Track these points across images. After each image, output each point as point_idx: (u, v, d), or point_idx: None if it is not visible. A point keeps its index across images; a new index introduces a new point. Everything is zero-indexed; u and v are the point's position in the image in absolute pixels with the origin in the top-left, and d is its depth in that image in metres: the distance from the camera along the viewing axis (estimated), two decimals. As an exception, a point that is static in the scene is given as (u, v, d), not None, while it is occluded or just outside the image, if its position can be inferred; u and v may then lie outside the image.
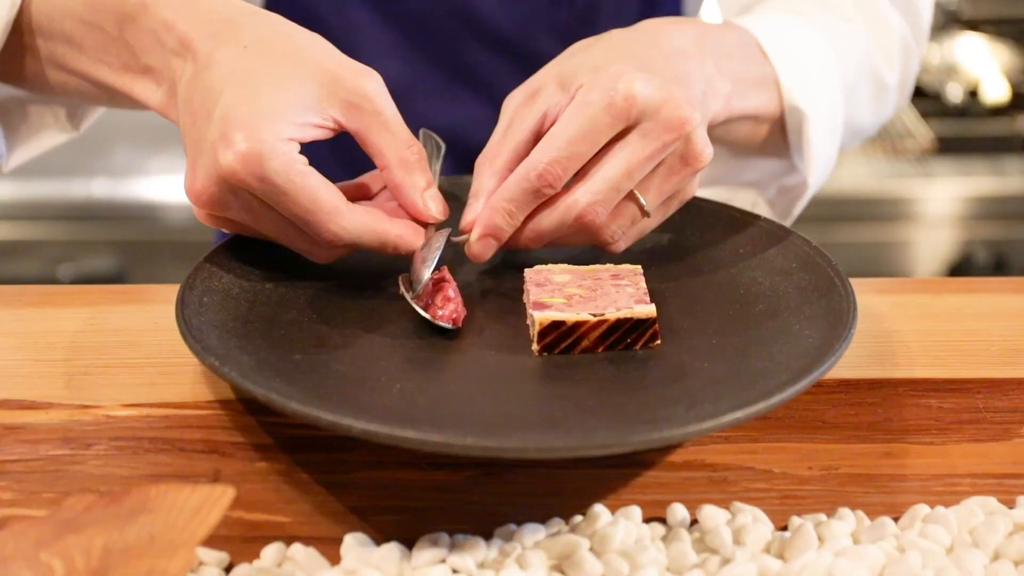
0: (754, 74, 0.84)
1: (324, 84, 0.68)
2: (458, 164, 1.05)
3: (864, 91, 0.95)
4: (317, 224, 0.67)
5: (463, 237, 0.73)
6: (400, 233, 0.70)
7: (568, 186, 0.71)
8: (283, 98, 0.67)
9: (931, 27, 1.02)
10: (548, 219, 0.71)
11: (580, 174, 0.71)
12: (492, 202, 0.71)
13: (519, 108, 0.74)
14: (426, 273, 0.68)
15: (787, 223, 0.98)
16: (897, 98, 1.00)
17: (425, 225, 0.72)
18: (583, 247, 0.76)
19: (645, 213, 0.72)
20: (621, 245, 0.74)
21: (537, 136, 0.72)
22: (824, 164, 0.91)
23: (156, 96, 0.74)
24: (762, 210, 0.99)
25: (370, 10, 1.05)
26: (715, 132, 0.83)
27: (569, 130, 0.69)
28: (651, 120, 0.69)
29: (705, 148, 0.71)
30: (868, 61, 0.95)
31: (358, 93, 0.69)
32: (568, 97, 0.71)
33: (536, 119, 0.72)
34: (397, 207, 0.72)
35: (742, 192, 0.99)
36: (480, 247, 0.72)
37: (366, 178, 0.76)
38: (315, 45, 0.70)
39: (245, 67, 0.68)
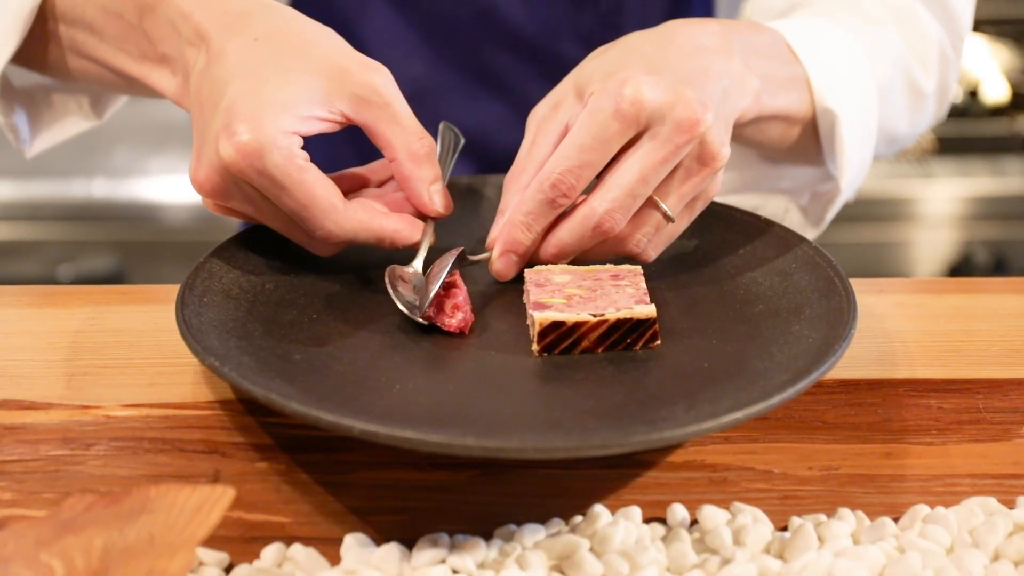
0: (784, 73, 0.83)
1: (332, 78, 0.68)
2: (479, 165, 1.06)
3: (899, 96, 0.94)
4: (311, 220, 0.68)
5: (485, 255, 0.73)
6: (397, 228, 0.70)
7: (587, 197, 0.71)
8: (289, 91, 0.67)
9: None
10: (567, 230, 0.71)
11: (597, 183, 0.70)
12: (510, 217, 0.71)
13: (542, 122, 0.74)
14: (432, 290, 0.68)
15: (820, 229, 0.98)
16: (935, 107, 0.98)
17: (425, 219, 0.72)
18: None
19: (668, 218, 0.72)
20: (650, 253, 0.73)
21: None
22: (858, 168, 0.89)
23: (172, 85, 0.75)
24: (794, 216, 0.98)
25: (394, 12, 1.05)
26: (746, 132, 0.82)
27: (579, 139, 0.69)
28: (661, 123, 0.68)
29: (722, 148, 0.70)
30: (903, 66, 0.93)
31: (367, 87, 0.69)
32: (583, 106, 0.71)
33: (559, 132, 0.72)
34: (403, 199, 0.72)
35: (774, 199, 0.99)
36: (502, 264, 0.72)
37: (372, 167, 0.76)
38: (325, 39, 0.71)
39: (254, 59, 0.68)
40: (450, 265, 0.70)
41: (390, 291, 0.69)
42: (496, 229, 0.73)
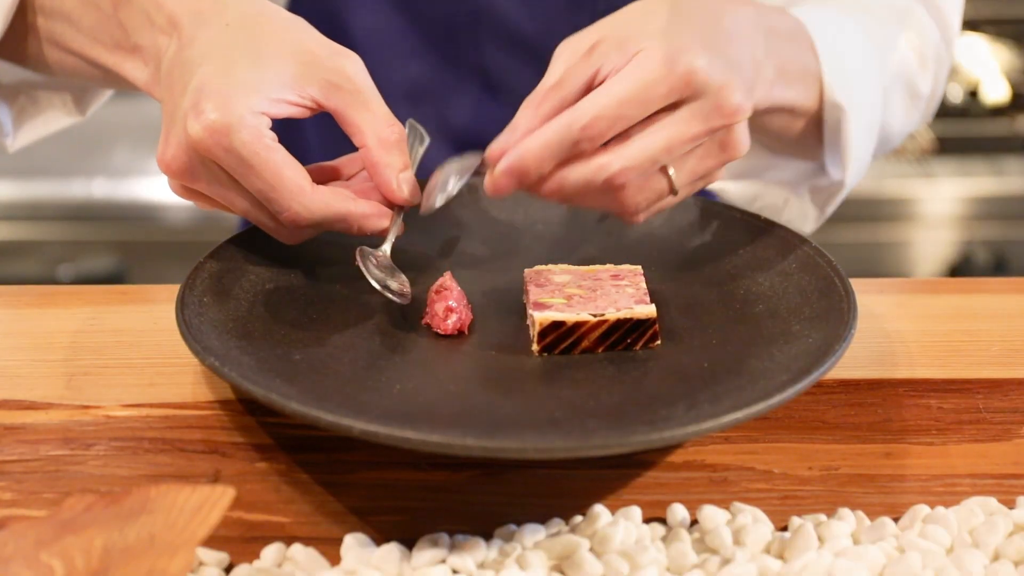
0: (799, 65, 0.82)
1: (304, 63, 0.69)
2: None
3: (898, 97, 0.93)
4: (278, 201, 0.67)
5: (474, 162, 0.70)
6: (365, 213, 0.70)
7: (605, 147, 0.68)
8: (259, 73, 0.67)
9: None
10: (576, 173, 0.68)
11: (620, 137, 0.68)
12: (527, 142, 0.68)
13: (572, 58, 0.71)
14: (437, 201, 0.67)
15: (818, 222, 0.97)
16: (926, 108, 0.98)
17: (393, 207, 0.72)
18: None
19: (673, 191, 0.71)
20: (641, 218, 0.72)
21: (587, 91, 0.69)
22: (860, 164, 0.89)
23: (143, 75, 0.75)
24: (793, 208, 0.98)
25: (392, 11, 1.05)
26: (752, 122, 0.81)
27: (623, 91, 0.67)
28: (705, 100, 0.67)
29: (746, 140, 0.70)
30: (904, 67, 0.93)
31: (338, 72, 0.69)
32: (626, 58, 0.69)
33: (590, 74, 0.69)
34: (370, 188, 0.72)
35: (773, 188, 0.98)
36: (501, 182, 0.69)
37: (341, 161, 0.76)
38: (297, 26, 0.71)
39: (225, 43, 0.69)
40: (464, 177, 0.68)
41: (363, 269, 0.69)
42: (503, 141, 0.69)
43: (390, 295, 0.68)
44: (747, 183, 0.97)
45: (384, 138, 0.70)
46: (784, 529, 0.58)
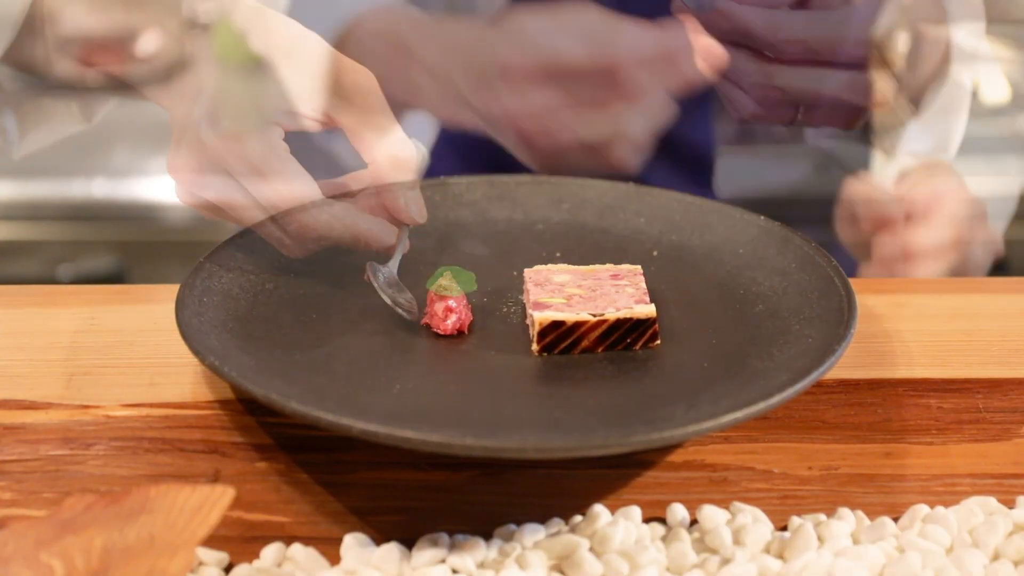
0: None
1: (317, 77, 0.69)
2: (484, 165, 1.06)
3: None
4: (288, 213, 0.68)
5: None
6: (372, 228, 0.70)
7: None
8: (273, 85, 0.68)
9: None
10: (753, 66, 0.78)
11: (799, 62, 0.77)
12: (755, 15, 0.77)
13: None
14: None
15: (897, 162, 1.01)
16: None
17: (399, 225, 0.72)
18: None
19: (789, 123, 0.78)
20: (745, 117, 0.80)
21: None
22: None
23: (152, 82, 0.75)
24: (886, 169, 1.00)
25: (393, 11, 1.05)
26: None
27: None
28: None
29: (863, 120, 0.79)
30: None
31: (351, 88, 0.69)
32: None
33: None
34: (376, 205, 0.72)
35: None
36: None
37: (348, 177, 0.76)
38: (311, 41, 0.71)
39: (239, 53, 0.69)
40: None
41: (375, 285, 0.69)
42: None
43: (401, 311, 0.68)
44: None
45: (394, 156, 0.71)
46: (784, 529, 0.58)
